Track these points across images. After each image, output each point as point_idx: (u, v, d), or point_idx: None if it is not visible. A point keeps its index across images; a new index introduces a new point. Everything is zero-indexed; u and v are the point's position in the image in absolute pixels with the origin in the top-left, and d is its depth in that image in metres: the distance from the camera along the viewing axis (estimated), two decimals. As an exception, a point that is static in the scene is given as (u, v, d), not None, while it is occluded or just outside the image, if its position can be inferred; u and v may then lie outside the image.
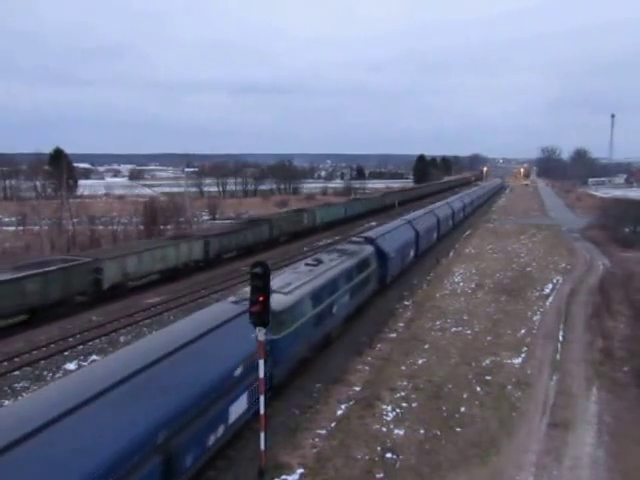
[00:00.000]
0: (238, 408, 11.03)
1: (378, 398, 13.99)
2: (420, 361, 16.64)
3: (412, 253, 30.78)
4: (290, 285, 15.39)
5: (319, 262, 18.59)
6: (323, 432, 12.46)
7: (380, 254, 23.64)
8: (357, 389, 14.83)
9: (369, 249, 22.71)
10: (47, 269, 22.15)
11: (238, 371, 11.01)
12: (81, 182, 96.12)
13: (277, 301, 13.32)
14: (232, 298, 13.99)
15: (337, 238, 42.77)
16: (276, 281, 15.27)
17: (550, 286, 26.89)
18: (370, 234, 26.15)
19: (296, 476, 10.71)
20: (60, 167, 56.86)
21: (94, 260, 24.25)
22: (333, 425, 12.79)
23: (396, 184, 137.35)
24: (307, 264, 18.34)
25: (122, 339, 19.47)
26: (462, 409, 13.43)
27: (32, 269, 21.76)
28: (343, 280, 18.53)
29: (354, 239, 25.04)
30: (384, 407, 13.53)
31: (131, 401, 8.42)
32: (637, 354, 16.86)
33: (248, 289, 14.02)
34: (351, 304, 19.71)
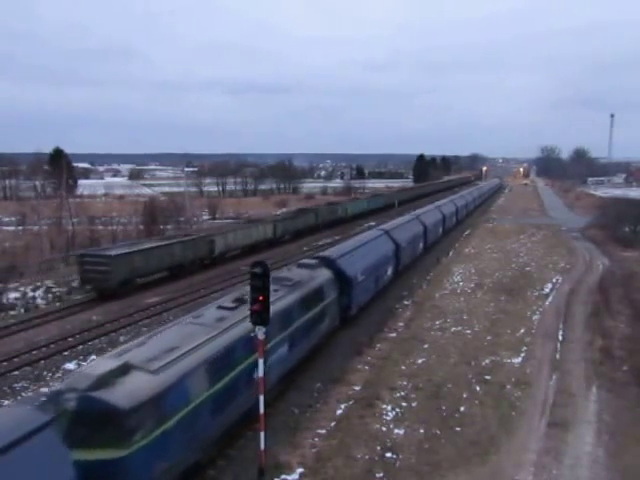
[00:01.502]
0: None
1: (378, 398, 13.99)
2: (420, 361, 16.65)
3: (390, 270, 25.68)
4: (169, 354, 9.81)
5: (240, 303, 12.82)
6: (323, 432, 12.47)
7: (341, 279, 18.62)
8: (357, 388, 14.83)
9: (324, 275, 17.61)
10: (185, 238, 31.09)
11: None
12: (81, 182, 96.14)
13: (131, 389, 8.48)
14: (58, 389, 8.67)
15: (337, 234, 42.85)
16: (150, 346, 10.19)
17: (549, 286, 26.90)
18: (329, 253, 20.71)
19: (296, 475, 10.71)
20: (60, 167, 56.80)
21: (210, 235, 33.43)
22: (333, 425, 12.80)
23: (396, 184, 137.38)
24: (220, 307, 12.77)
25: (122, 339, 19.48)
26: (462, 408, 13.44)
27: (170, 240, 30.70)
28: (277, 327, 13.15)
29: (305, 262, 19.03)
30: (384, 407, 13.54)
31: None
32: (636, 353, 16.88)
33: (80, 370, 10.04)
34: (290, 358, 14.34)
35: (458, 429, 12.43)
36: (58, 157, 76.79)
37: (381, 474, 10.68)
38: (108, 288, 25.22)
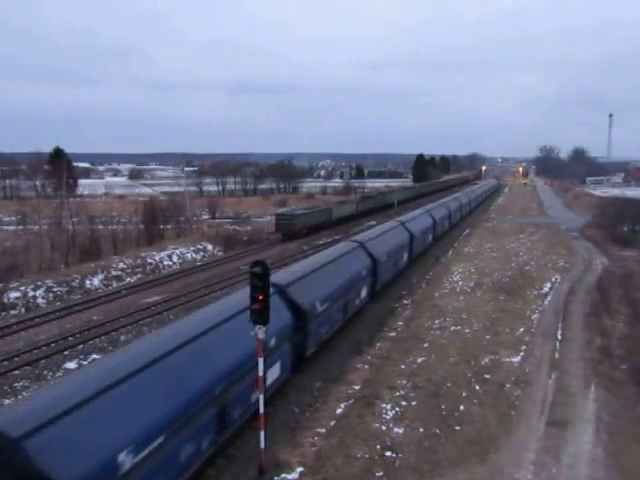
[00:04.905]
0: None
1: (378, 397, 14.03)
2: (419, 360, 16.69)
3: (278, 368, 13.34)
4: None
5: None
6: (323, 431, 12.50)
7: None
8: (357, 388, 14.87)
9: None
10: (319, 208, 52.51)
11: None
12: (81, 181, 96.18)
13: None
14: None
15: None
16: None
17: (549, 285, 26.93)
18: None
19: (296, 475, 10.74)
20: (60, 166, 56.86)
21: (330, 207, 53.50)
22: (333, 424, 12.83)
23: (395, 183, 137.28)
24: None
25: (122, 338, 19.51)
26: (461, 407, 13.48)
27: (309, 210, 50.15)
28: None
29: None
30: (383, 406, 13.58)
31: None
32: (635, 352, 16.93)
33: None
34: None
35: (457, 428, 12.47)
36: (58, 157, 76.82)
37: (381, 473, 10.72)
38: (292, 232, 44.21)
